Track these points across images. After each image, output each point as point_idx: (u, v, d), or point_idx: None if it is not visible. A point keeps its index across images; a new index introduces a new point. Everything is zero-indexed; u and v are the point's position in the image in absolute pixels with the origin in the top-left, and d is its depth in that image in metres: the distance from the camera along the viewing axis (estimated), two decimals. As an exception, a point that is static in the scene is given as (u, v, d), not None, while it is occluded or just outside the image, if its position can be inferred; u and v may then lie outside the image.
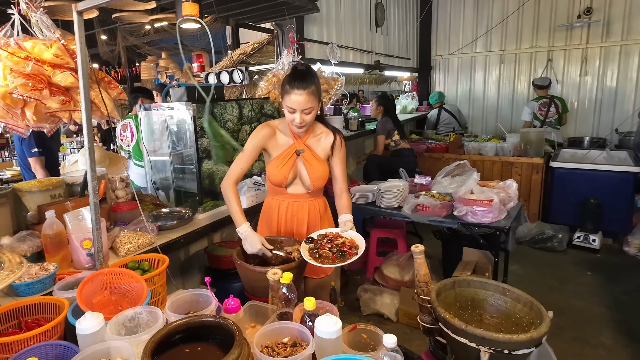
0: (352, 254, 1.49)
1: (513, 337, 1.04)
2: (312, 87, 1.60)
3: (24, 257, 1.40)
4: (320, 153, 1.77)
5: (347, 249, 1.51)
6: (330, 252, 1.49)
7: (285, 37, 3.15)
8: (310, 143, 1.77)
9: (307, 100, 1.59)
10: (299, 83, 1.58)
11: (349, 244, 1.56)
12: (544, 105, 4.86)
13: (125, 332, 1.08)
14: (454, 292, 1.35)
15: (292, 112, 1.62)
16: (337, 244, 1.55)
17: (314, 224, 1.82)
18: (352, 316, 2.82)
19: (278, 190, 1.81)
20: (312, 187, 1.77)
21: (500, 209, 2.41)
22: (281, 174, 1.73)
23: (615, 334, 2.57)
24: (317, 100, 1.64)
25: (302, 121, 1.63)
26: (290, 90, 1.59)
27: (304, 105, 1.59)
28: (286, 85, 1.62)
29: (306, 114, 1.62)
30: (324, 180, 1.79)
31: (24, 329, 1.14)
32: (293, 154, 1.74)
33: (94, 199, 1.41)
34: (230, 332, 0.93)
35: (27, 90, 1.41)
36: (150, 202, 2.32)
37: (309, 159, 1.74)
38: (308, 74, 1.62)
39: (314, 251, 1.52)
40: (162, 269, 1.40)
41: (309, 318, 1.05)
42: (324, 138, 1.78)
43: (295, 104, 1.59)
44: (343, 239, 1.59)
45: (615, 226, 3.84)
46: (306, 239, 1.60)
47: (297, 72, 1.63)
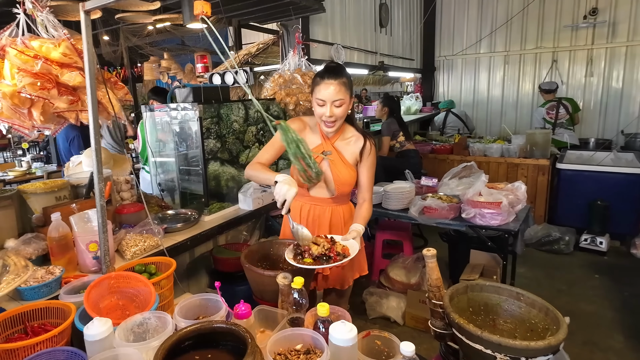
0: (336, 260, 1.37)
1: (530, 344, 1.01)
2: (344, 79, 1.54)
3: (29, 260, 1.38)
4: (349, 157, 1.67)
5: (333, 254, 1.40)
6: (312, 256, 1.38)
7: (291, 37, 3.13)
8: (338, 146, 1.67)
9: (338, 90, 1.51)
10: (329, 74, 1.52)
11: (341, 251, 1.44)
12: (552, 108, 4.82)
13: (134, 338, 1.05)
14: (467, 297, 1.32)
15: (322, 104, 1.55)
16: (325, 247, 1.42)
17: (336, 231, 1.70)
18: (358, 320, 2.79)
19: (301, 191, 1.68)
20: (337, 192, 1.68)
21: (509, 212, 2.38)
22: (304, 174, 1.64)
23: (625, 338, 2.54)
24: (349, 94, 1.57)
25: (332, 115, 1.54)
26: (320, 81, 1.54)
27: (335, 96, 1.51)
28: (317, 78, 1.56)
29: (336, 107, 1.54)
30: (350, 186, 1.69)
31: (30, 334, 1.12)
32: (319, 155, 1.65)
33: (100, 202, 1.39)
34: (242, 339, 0.91)
35: (36, 89, 1.39)
36: (155, 204, 2.30)
37: (336, 162, 1.65)
38: (339, 68, 1.57)
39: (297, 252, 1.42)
40: (169, 272, 1.37)
41: (322, 324, 1.03)
42: (354, 142, 1.68)
43: (325, 94, 1.52)
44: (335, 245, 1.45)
45: (622, 228, 3.81)
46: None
47: (328, 67, 1.58)
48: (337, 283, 1.81)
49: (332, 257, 1.39)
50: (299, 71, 2.73)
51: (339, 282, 1.81)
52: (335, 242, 1.48)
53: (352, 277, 1.86)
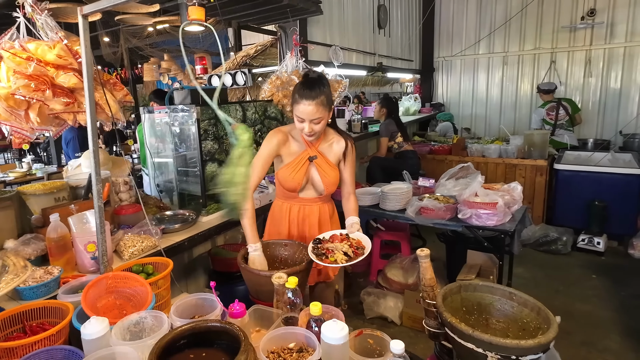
0: (358, 254, 1.52)
1: (521, 343, 1.03)
2: (322, 97, 1.59)
3: (28, 261, 1.40)
4: (332, 159, 1.78)
5: (354, 249, 1.54)
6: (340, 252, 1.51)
7: (288, 39, 3.15)
8: (322, 149, 1.78)
9: (316, 110, 1.58)
10: (308, 93, 1.57)
11: (356, 244, 1.59)
12: (552, 109, 4.82)
13: (130, 337, 1.07)
14: (460, 297, 1.34)
15: (301, 121, 1.62)
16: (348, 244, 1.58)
17: (324, 226, 1.84)
18: (356, 319, 2.81)
19: (289, 195, 1.80)
20: (325, 192, 1.79)
21: (505, 212, 2.40)
22: (295, 180, 1.73)
23: (622, 338, 2.55)
24: (327, 109, 1.63)
25: (311, 130, 1.63)
26: (299, 100, 1.59)
27: (313, 116, 1.59)
28: (295, 95, 1.61)
29: (315, 124, 1.63)
30: (336, 185, 1.81)
31: (29, 333, 1.14)
32: (306, 161, 1.73)
33: (98, 203, 1.41)
34: (236, 338, 0.93)
35: (30, 91, 1.40)
36: (153, 205, 2.32)
37: (322, 165, 1.75)
38: (318, 83, 1.61)
39: (320, 252, 1.53)
40: (166, 272, 1.39)
41: (315, 323, 1.04)
42: (335, 144, 1.79)
43: (304, 114, 1.59)
44: (350, 240, 1.62)
45: (620, 229, 3.82)
46: (314, 240, 1.61)
47: (307, 81, 1.62)
48: (325, 276, 1.88)
49: (354, 252, 1.53)
50: (296, 73, 2.75)
51: (328, 274, 1.89)
52: (349, 236, 1.64)
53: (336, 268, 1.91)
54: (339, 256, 1.49)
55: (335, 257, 1.48)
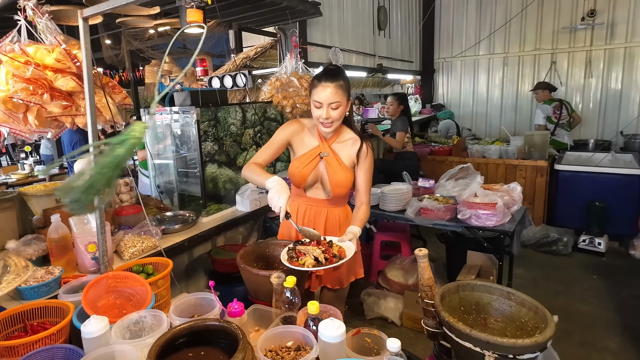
0: (333, 261, 1.39)
1: (518, 342, 1.03)
2: (341, 82, 1.56)
3: (30, 261, 1.41)
4: (346, 159, 1.69)
5: (330, 256, 1.42)
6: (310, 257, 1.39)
7: (288, 41, 3.16)
8: (335, 147, 1.70)
9: (335, 93, 1.54)
10: (326, 77, 1.55)
11: (336, 252, 1.45)
12: (557, 108, 4.79)
13: (130, 336, 1.08)
14: (458, 296, 1.34)
15: (319, 106, 1.57)
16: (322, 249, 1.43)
17: (331, 233, 1.71)
18: (356, 320, 2.81)
19: (298, 192, 1.75)
20: (332, 194, 1.70)
21: (505, 212, 2.40)
22: (301, 175, 1.67)
23: (622, 339, 2.54)
24: (346, 96, 1.59)
25: (329, 117, 1.56)
26: (317, 84, 1.56)
27: (331, 99, 1.54)
28: (314, 80, 1.59)
29: (333, 109, 1.56)
30: (345, 188, 1.70)
31: (30, 332, 1.15)
32: (316, 156, 1.67)
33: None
34: (234, 336, 0.93)
35: (28, 94, 1.41)
36: (154, 206, 2.33)
37: (332, 164, 1.67)
38: (337, 70, 1.60)
39: (292, 253, 1.44)
40: (166, 272, 1.40)
41: (312, 322, 1.05)
42: (351, 144, 1.70)
43: (322, 97, 1.54)
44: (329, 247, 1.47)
45: (621, 229, 3.81)
46: (295, 242, 1.52)
47: (325, 70, 1.61)
48: (330, 283, 1.82)
49: (328, 258, 1.40)
50: (296, 74, 2.76)
51: (333, 282, 1.82)
52: (333, 243, 1.49)
53: (347, 279, 1.87)
54: (308, 260, 1.37)
55: (305, 260, 1.38)
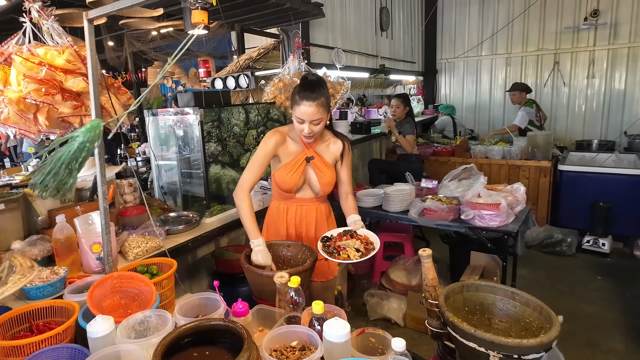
0: (369, 249, 1.54)
1: (522, 342, 1.03)
2: (322, 99, 1.62)
3: (35, 261, 1.41)
4: (329, 159, 1.81)
5: (364, 245, 1.56)
6: (352, 249, 1.52)
7: (291, 42, 3.17)
8: (319, 150, 1.81)
9: (316, 111, 1.61)
10: (308, 94, 1.60)
11: (365, 240, 1.60)
12: (538, 110, 4.80)
13: (135, 336, 1.08)
14: (463, 297, 1.34)
15: (301, 122, 1.65)
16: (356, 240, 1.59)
17: (321, 226, 1.86)
18: (359, 321, 2.81)
19: (286, 195, 1.83)
20: (322, 192, 1.82)
21: (508, 213, 2.39)
22: (292, 180, 1.75)
23: (627, 339, 2.53)
24: (327, 111, 1.67)
25: (311, 131, 1.66)
26: (299, 101, 1.62)
27: (313, 117, 1.62)
28: (296, 96, 1.64)
29: (315, 125, 1.66)
30: (332, 185, 1.84)
31: (36, 332, 1.15)
32: (303, 161, 1.76)
33: (103, 204, 1.43)
34: (239, 336, 0.94)
35: (40, 95, 1.43)
36: (158, 207, 2.34)
37: (319, 166, 1.78)
38: (318, 85, 1.64)
39: (331, 250, 1.54)
40: (170, 272, 1.41)
41: (317, 322, 1.05)
42: (332, 144, 1.82)
43: (304, 115, 1.62)
44: (359, 237, 1.63)
45: (625, 230, 3.80)
46: (322, 239, 1.62)
47: (307, 83, 1.65)
48: (321, 275, 1.88)
49: (366, 248, 1.54)
50: (299, 75, 2.76)
51: (324, 274, 1.89)
52: (355, 233, 1.66)
53: (335, 268, 1.95)
54: (352, 252, 1.50)
55: (348, 253, 1.50)
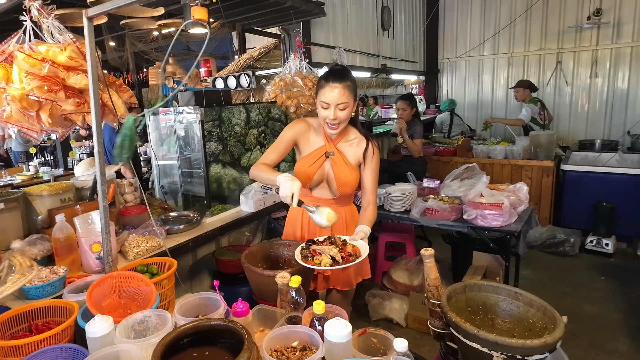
0: (349, 260, 1.39)
1: (526, 343, 1.01)
2: (348, 82, 1.55)
3: (35, 261, 1.41)
4: (351, 159, 1.69)
5: (345, 255, 1.42)
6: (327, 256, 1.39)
7: (292, 41, 3.17)
8: (341, 147, 1.70)
9: (342, 94, 1.53)
10: (334, 77, 1.54)
11: (352, 251, 1.46)
12: (542, 109, 4.75)
13: (135, 335, 1.07)
14: (465, 297, 1.33)
15: (326, 107, 1.56)
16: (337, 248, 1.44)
17: (338, 232, 1.69)
18: (361, 322, 2.79)
19: (304, 191, 1.71)
20: (338, 193, 1.70)
21: (511, 213, 2.38)
22: (307, 173, 1.67)
23: (630, 340, 2.51)
24: (353, 97, 1.59)
25: (336, 117, 1.56)
26: (324, 84, 1.56)
27: (339, 100, 1.53)
28: (321, 81, 1.59)
29: (340, 110, 1.56)
30: (351, 187, 1.70)
31: (35, 331, 1.14)
32: (322, 156, 1.67)
33: (103, 203, 1.42)
34: (239, 336, 0.92)
35: (43, 92, 1.42)
36: (158, 206, 2.33)
37: (338, 163, 1.67)
38: (344, 71, 1.60)
39: (307, 254, 1.44)
40: (170, 272, 1.39)
41: (318, 322, 1.04)
42: (356, 144, 1.70)
43: (330, 97, 1.54)
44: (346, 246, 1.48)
45: (629, 230, 3.77)
46: (307, 241, 1.53)
47: (333, 70, 1.61)
48: (338, 284, 1.80)
49: (344, 257, 1.40)
50: (300, 74, 2.76)
51: (341, 283, 1.80)
52: (346, 242, 1.50)
53: (355, 279, 1.85)
54: (325, 259, 1.37)
55: (321, 259, 1.37)
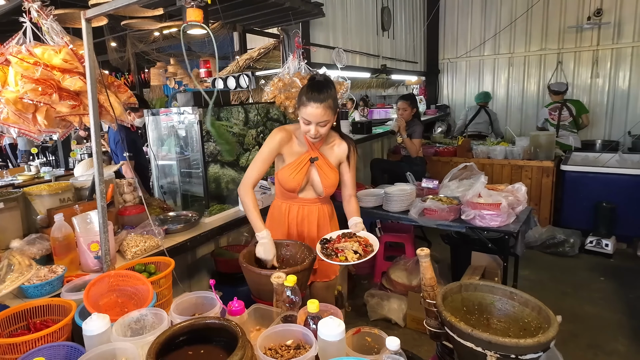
0: (368, 252, 1.53)
1: (520, 342, 1.02)
2: (329, 101, 1.61)
3: (33, 260, 1.42)
4: (333, 161, 1.81)
5: (363, 247, 1.55)
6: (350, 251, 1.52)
7: (291, 42, 3.17)
8: (323, 151, 1.80)
9: (323, 113, 1.61)
10: (316, 96, 1.59)
11: (364, 242, 1.59)
12: (554, 109, 4.77)
13: (131, 334, 1.08)
14: (461, 296, 1.33)
15: (308, 123, 1.64)
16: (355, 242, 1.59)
17: (323, 227, 1.86)
18: (360, 321, 2.80)
19: (289, 195, 1.82)
20: (324, 194, 1.82)
21: (509, 213, 2.38)
22: (295, 180, 1.75)
23: (629, 341, 2.50)
24: (334, 112, 1.66)
25: (317, 133, 1.65)
26: (306, 103, 1.61)
27: (320, 119, 1.62)
28: (303, 97, 1.63)
29: (321, 127, 1.65)
30: (335, 187, 1.83)
31: (33, 330, 1.16)
32: (307, 162, 1.76)
33: (101, 203, 1.43)
34: (233, 334, 0.93)
35: (37, 95, 1.43)
36: (157, 206, 2.34)
37: (323, 167, 1.78)
38: (325, 86, 1.63)
39: (329, 252, 1.54)
40: (167, 271, 1.41)
41: (312, 321, 1.05)
42: (337, 146, 1.82)
43: (311, 116, 1.61)
44: (358, 239, 1.63)
45: (629, 230, 3.76)
46: (321, 241, 1.62)
47: (314, 84, 1.64)
48: (324, 275, 1.89)
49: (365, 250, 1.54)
50: (299, 75, 2.76)
51: (325, 274, 1.90)
52: (354, 235, 1.66)
53: (337, 268, 1.94)
54: (350, 254, 1.50)
55: (346, 255, 1.50)
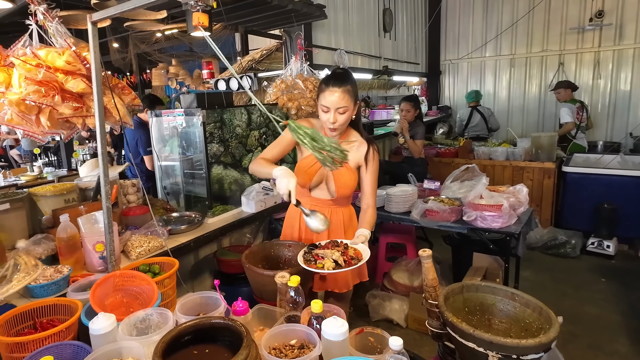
0: (351, 264, 1.41)
1: (521, 342, 1.03)
2: (348, 87, 1.58)
3: (39, 260, 1.44)
4: (351, 161, 1.70)
5: (348, 258, 1.44)
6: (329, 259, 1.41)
7: (293, 43, 3.19)
8: None
9: (342, 98, 1.56)
10: (334, 81, 1.57)
11: (353, 254, 1.47)
12: (580, 109, 4.66)
13: (137, 333, 1.09)
14: (463, 297, 1.34)
15: (326, 111, 1.59)
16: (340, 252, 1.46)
17: (336, 233, 1.74)
18: (361, 322, 2.81)
19: (301, 192, 1.75)
20: (337, 195, 1.73)
21: (510, 214, 2.39)
22: (307, 173, 1.69)
23: (630, 342, 2.51)
24: (353, 101, 1.61)
25: (336, 120, 1.59)
26: (325, 88, 1.58)
27: (338, 104, 1.56)
28: (322, 85, 1.61)
29: (340, 114, 1.59)
30: (350, 189, 1.73)
31: (39, 329, 1.17)
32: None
33: (106, 204, 1.44)
34: (238, 334, 0.95)
35: (40, 96, 1.45)
36: (160, 207, 2.36)
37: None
38: (345, 74, 1.62)
39: (310, 258, 1.45)
40: (172, 271, 1.42)
41: (316, 321, 1.06)
42: (357, 147, 1.73)
43: (330, 101, 1.57)
44: (347, 250, 1.50)
45: (630, 232, 3.76)
46: (309, 245, 1.55)
47: (334, 73, 1.63)
48: (335, 286, 1.81)
49: (347, 261, 1.42)
50: (301, 76, 2.78)
51: (338, 284, 1.81)
52: (348, 246, 1.53)
53: (352, 281, 1.86)
54: (328, 263, 1.38)
55: (324, 263, 1.39)
